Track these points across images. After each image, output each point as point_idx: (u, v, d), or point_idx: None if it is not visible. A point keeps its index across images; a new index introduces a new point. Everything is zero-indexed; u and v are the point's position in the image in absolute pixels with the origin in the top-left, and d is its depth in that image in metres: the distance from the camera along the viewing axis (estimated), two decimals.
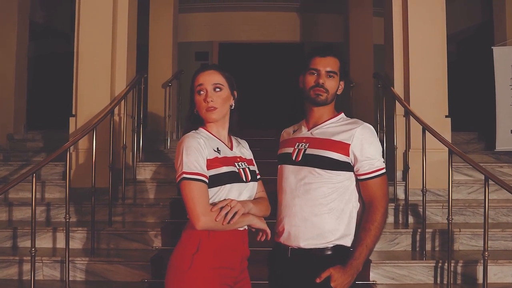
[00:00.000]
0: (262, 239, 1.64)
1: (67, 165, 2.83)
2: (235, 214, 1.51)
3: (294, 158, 1.68)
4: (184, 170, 1.50)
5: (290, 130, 1.83)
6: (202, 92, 1.59)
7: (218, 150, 1.59)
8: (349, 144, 1.60)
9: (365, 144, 1.60)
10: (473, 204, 3.52)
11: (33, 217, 2.50)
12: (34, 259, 2.51)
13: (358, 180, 1.63)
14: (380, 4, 5.01)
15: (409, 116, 3.56)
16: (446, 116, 3.77)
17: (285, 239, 1.66)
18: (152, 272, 2.90)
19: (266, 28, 7.03)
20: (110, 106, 3.57)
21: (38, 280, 2.85)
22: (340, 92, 1.72)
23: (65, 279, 2.78)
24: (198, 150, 1.52)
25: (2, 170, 4.15)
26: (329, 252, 1.60)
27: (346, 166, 1.61)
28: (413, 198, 3.49)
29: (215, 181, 1.53)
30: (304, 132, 1.73)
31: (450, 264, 2.80)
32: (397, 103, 3.70)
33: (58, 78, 5.94)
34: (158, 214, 3.52)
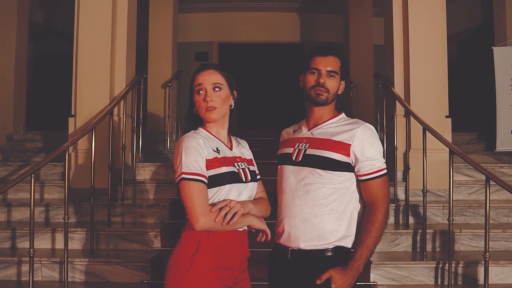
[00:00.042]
0: (262, 240, 1.63)
1: (66, 165, 2.82)
2: (235, 214, 1.50)
3: (294, 159, 1.67)
4: (183, 170, 1.49)
5: (290, 130, 1.82)
6: (201, 91, 1.58)
7: (217, 150, 1.58)
8: (349, 144, 1.59)
9: (366, 144, 1.59)
10: (473, 204, 3.51)
11: (31, 217, 2.49)
12: (33, 260, 2.50)
13: (358, 180, 1.62)
14: (380, 4, 5.00)
15: (409, 116, 3.55)
16: (447, 116, 3.76)
17: (285, 240, 1.65)
18: (151, 273, 2.89)
19: (266, 28, 7.02)
20: (109, 106, 3.56)
21: (37, 281, 2.85)
22: (340, 92, 1.70)
23: (64, 280, 2.77)
24: (197, 150, 1.51)
25: (1, 171, 4.14)
26: (329, 253, 1.58)
27: (347, 167, 1.60)
28: (413, 198, 3.48)
29: (215, 181, 1.52)
30: (304, 132, 1.72)
31: (451, 265, 2.79)
32: (397, 103, 3.69)
33: (57, 78, 5.94)
34: (158, 214, 3.51)
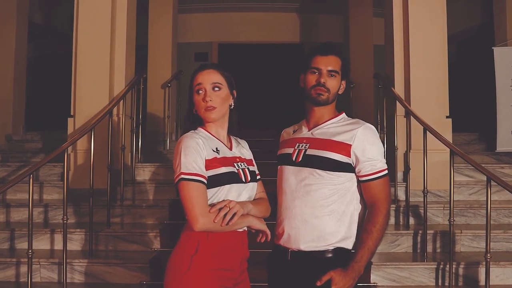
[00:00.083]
0: (262, 240, 1.62)
1: (65, 166, 2.81)
2: (234, 215, 1.49)
3: (294, 159, 1.65)
4: (182, 171, 1.48)
5: (290, 130, 1.81)
6: (201, 91, 1.57)
7: (217, 150, 1.56)
8: (350, 144, 1.58)
9: (367, 144, 1.58)
10: (474, 205, 3.50)
11: (30, 218, 2.49)
12: (31, 261, 2.50)
13: (359, 181, 1.60)
14: (380, 4, 4.99)
15: (409, 116, 3.54)
16: (447, 116, 3.76)
17: (285, 242, 1.63)
18: (150, 274, 2.88)
19: (265, 28, 7.01)
20: (108, 107, 3.55)
21: (36, 282, 2.85)
22: (341, 91, 1.69)
23: (63, 281, 2.76)
24: (197, 150, 1.50)
25: (0, 171, 4.13)
26: (329, 254, 1.57)
27: (348, 167, 1.59)
28: (413, 199, 3.47)
29: (214, 181, 1.51)
30: (304, 132, 1.70)
31: (452, 266, 2.78)
32: (397, 104, 3.68)
33: (57, 79, 5.91)
34: (157, 215, 3.49)
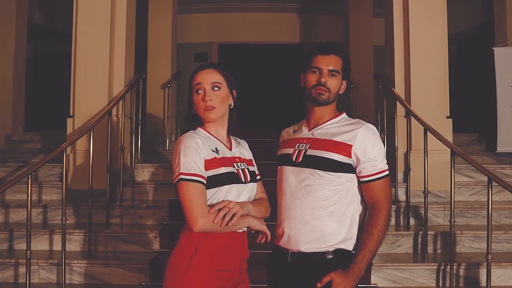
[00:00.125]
0: (262, 241, 1.61)
1: (64, 166, 2.80)
2: (233, 215, 1.48)
3: (294, 159, 1.64)
4: (181, 171, 1.47)
5: (290, 130, 1.79)
6: (200, 91, 1.56)
7: (216, 150, 1.55)
8: (351, 145, 1.56)
9: (367, 145, 1.56)
10: (475, 206, 3.49)
11: (28, 219, 2.47)
12: (30, 262, 2.48)
13: (360, 182, 1.59)
14: (380, 4, 4.98)
15: (410, 116, 3.53)
16: (448, 117, 3.74)
17: (284, 243, 1.62)
18: (150, 275, 2.87)
19: (265, 29, 7.00)
20: (108, 107, 3.53)
21: (34, 283, 2.83)
22: (342, 91, 1.67)
23: (61, 282, 2.75)
24: (196, 151, 1.49)
25: (0, 172, 4.11)
26: (330, 256, 1.55)
27: (348, 168, 1.57)
28: (414, 200, 3.46)
29: (213, 182, 1.50)
30: (304, 132, 1.69)
31: (453, 267, 2.77)
32: (398, 104, 3.67)
33: (56, 79, 5.90)
34: (157, 216, 3.48)
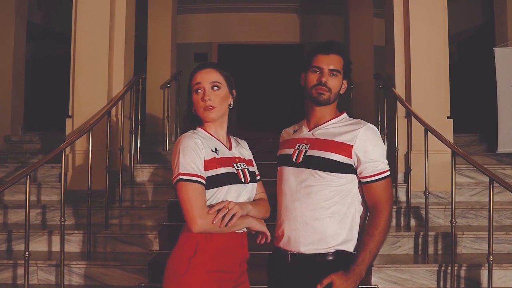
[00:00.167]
0: (262, 242, 1.60)
1: (63, 166, 2.79)
2: (233, 216, 1.47)
3: (294, 160, 1.62)
4: (180, 171, 1.46)
5: (290, 130, 1.78)
6: (199, 90, 1.55)
7: (216, 151, 1.54)
8: (352, 145, 1.55)
9: (368, 145, 1.55)
10: (475, 206, 3.48)
11: (27, 220, 2.46)
12: (28, 263, 2.47)
13: (361, 183, 1.57)
14: (380, 5, 4.97)
15: (410, 117, 3.51)
16: (448, 117, 3.73)
17: (284, 244, 1.60)
18: (149, 276, 2.85)
19: (265, 29, 6.99)
20: (107, 107, 3.52)
21: (33, 284, 2.82)
22: (343, 91, 1.66)
23: (60, 284, 2.74)
24: (195, 151, 1.47)
25: None
26: (330, 257, 1.54)
27: (349, 168, 1.56)
28: (414, 200, 3.44)
29: (213, 182, 1.49)
30: (305, 132, 1.67)
31: (454, 268, 2.75)
32: (398, 104, 3.66)
33: (56, 79, 5.89)
34: (156, 216, 3.47)
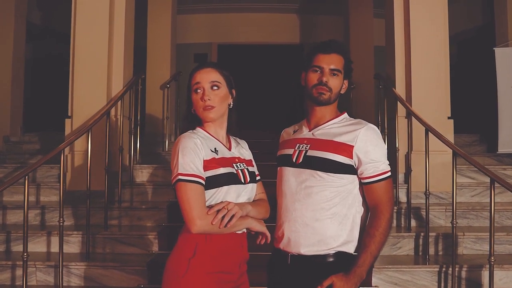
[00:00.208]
0: (262, 242, 1.58)
1: (61, 167, 2.77)
2: (232, 217, 1.45)
3: (294, 160, 1.61)
4: (179, 172, 1.44)
5: (290, 130, 1.76)
6: (199, 90, 1.54)
7: (215, 151, 1.53)
8: (352, 146, 1.53)
9: (369, 146, 1.53)
10: (476, 207, 3.46)
11: (25, 220, 2.44)
12: (26, 264, 2.45)
13: (362, 183, 1.55)
14: (380, 5, 4.96)
15: (411, 117, 3.50)
16: (449, 117, 3.72)
17: (284, 245, 1.59)
18: (148, 277, 2.84)
19: (265, 29, 6.99)
20: (106, 107, 3.51)
21: (31, 285, 2.81)
22: (343, 91, 1.64)
23: (59, 285, 2.72)
24: (195, 151, 1.46)
25: None
26: (331, 259, 1.52)
27: (350, 169, 1.54)
28: (415, 201, 3.43)
29: (212, 182, 1.48)
30: (305, 132, 1.66)
31: (454, 269, 2.74)
32: (398, 104, 3.65)
33: (55, 79, 5.88)
34: (155, 217, 3.45)
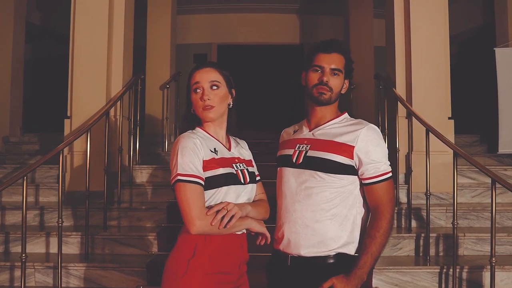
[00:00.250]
0: (262, 243, 1.57)
1: (60, 167, 2.76)
2: (232, 217, 1.45)
3: (294, 161, 1.60)
4: (178, 172, 1.43)
5: (290, 130, 1.75)
6: (198, 90, 1.53)
7: (215, 151, 1.52)
8: (353, 146, 1.52)
9: (370, 146, 1.52)
10: (477, 207, 3.45)
11: (23, 221, 2.43)
12: (25, 265, 2.44)
13: (362, 184, 1.54)
14: (380, 6, 4.95)
15: (411, 117, 3.49)
16: (449, 117, 3.71)
17: (284, 247, 1.57)
18: (147, 278, 2.82)
19: (265, 29, 6.98)
20: (105, 108, 3.50)
21: (30, 286, 2.80)
22: (344, 91, 1.63)
23: (58, 286, 2.70)
24: (194, 151, 1.45)
25: None
26: (331, 260, 1.51)
27: (350, 170, 1.53)
28: (415, 201, 3.42)
29: (212, 183, 1.47)
30: (305, 132, 1.65)
31: (455, 270, 2.72)
32: (399, 104, 3.63)
33: (55, 80, 5.87)
34: (155, 218, 3.44)
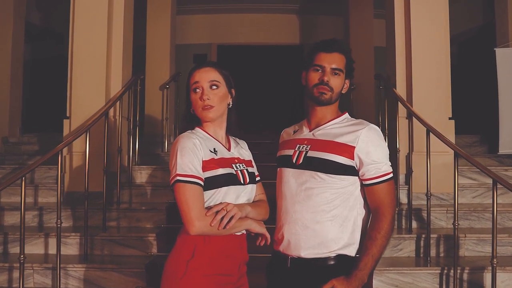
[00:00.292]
0: (262, 244, 1.57)
1: (59, 168, 2.74)
2: (231, 218, 1.44)
3: (294, 161, 1.58)
4: (178, 172, 1.43)
5: (290, 130, 1.74)
6: (198, 90, 1.52)
7: (214, 151, 1.51)
8: (354, 146, 1.51)
9: (371, 146, 1.51)
10: (478, 208, 3.43)
11: (22, 222, 2.41)
12: (23, 266, 2.42)
13: (363, 185, 1.53)
14: (380, 6, 4.94)
15: (412, 118, 3.47)
16: (450, 118, 3.69)
17: (284, 248, 1.56)
18: (147, 279, 2.81)
19: (265, 30, 6.97)
20: (104, 108, 3.48)
21: (29, 287, 2.76)
22: (345, 91, 1.62)
23: (56, 287, 2.69)
24: (193, 151, 1.44)
25: None
26: (331, 262, 1.50)
27: (351, 170, 1.52)
28: (416, 202, 3.41)
29: (211, 183, 1.46)
30: (305, 133, 1.63)
31: (456, 271, 2.71)
32: (399, 105, 3.62)
33: (54, 80, 5.86)
34: (154, 219, 3.42)
